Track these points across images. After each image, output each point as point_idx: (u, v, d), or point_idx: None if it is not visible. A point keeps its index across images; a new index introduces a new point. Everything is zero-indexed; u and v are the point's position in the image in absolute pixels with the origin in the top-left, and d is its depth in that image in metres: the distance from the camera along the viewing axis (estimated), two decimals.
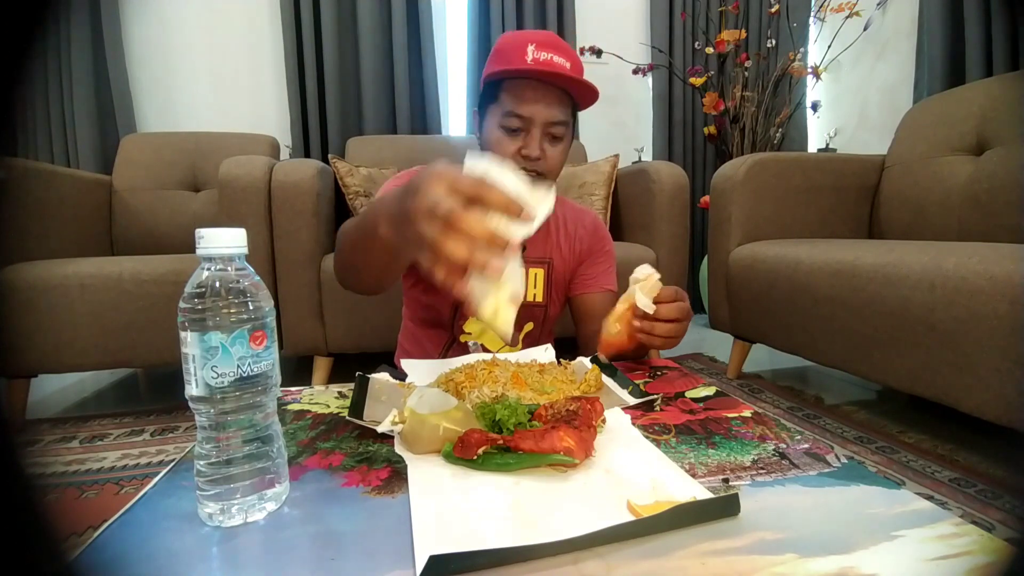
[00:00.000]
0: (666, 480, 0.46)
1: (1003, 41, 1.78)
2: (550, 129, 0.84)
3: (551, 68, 0.80)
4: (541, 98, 0.82)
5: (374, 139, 2.20)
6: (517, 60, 0.80)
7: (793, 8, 2.61)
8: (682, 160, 2.73)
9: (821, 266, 1.29)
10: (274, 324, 0.44)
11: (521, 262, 0.49)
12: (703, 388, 0.70)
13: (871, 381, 1.46)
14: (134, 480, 1.11)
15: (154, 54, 2.28)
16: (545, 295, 0.98)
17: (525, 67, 0.79)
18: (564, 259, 0.99)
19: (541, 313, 0.99)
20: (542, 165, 0.85)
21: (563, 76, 0.80)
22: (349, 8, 2.32)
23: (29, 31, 0.25)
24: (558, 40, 0.84)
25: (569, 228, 1.00)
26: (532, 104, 0.82)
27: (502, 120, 0.84)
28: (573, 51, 0.84)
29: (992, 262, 0.92)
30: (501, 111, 0.84)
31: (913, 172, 1.66)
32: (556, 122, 0.83)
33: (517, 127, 0.83)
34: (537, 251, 0.96)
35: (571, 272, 1.01)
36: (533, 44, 0.80)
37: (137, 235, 1.93)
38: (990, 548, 0.36)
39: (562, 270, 0.99)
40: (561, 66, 0.81)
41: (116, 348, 1.40)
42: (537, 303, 0.98)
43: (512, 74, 0.82)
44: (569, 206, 1.04)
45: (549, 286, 0.98)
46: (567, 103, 0.85)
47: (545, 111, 0.82)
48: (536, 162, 0.84)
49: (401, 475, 0.47)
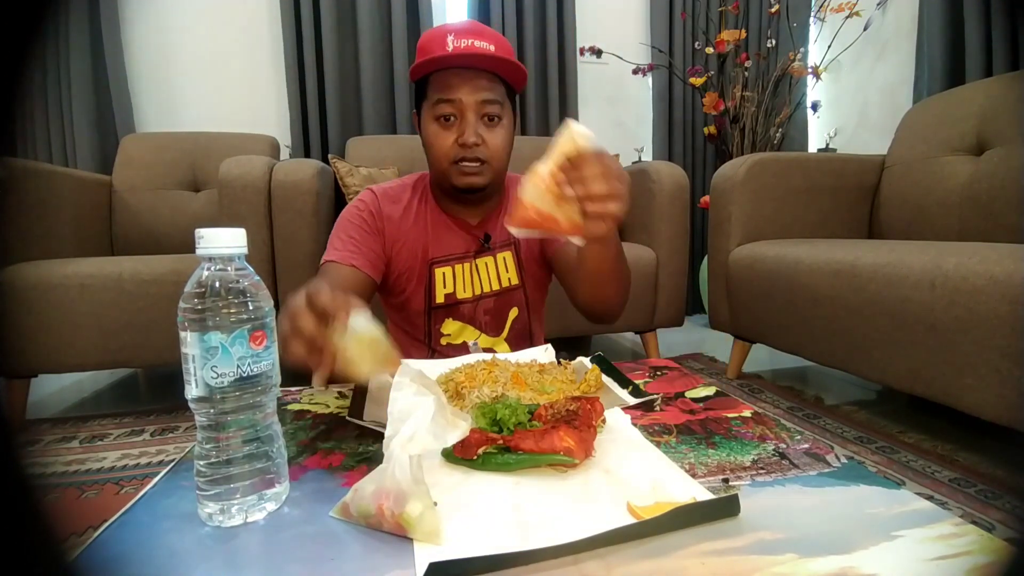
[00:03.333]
0: (666, 480, 0.46)
1: (1003, 41, 1.78)
2: (484, 110, 0.83)
3: (473, 50, 0.79)
4: (467, 81, 0.81)
5: (374, 139, 2.20)
6: (438, 50, 0.80)
7: (793, 8, 2.61)
8: (682, 160, 2.73)
9: (821, 266, 1.29)
10: (274, 324, 0.44)
11: (365, 322, 0.50)
12: (703, 388, 0.70)
13: (871, 381, 1.46)
14: (134, 480, 1.11)
15: (154, 54, 2.28)
16: (519, 275, 0.97)
17: (446, 53, 0.79)
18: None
19: (521, 296, 0.99)
20: (483, 152, 0.84)
21: (485, 57, 0.80)
22: (349, 8, 2.32)
23: (29, 31, 0.25)
24: (479, 26, 0.84)
25: None
26: (459, 88, 0.81)
27: (434, 110, 0.83)
28: (497, 35, 0.84)
29: (992, 262, 0.92)
30: (431, 103, 0.83)
31: (913, 172, 1.66)
32: (488, 100, 0.82)
33: (449, 113, 0.82)
34: (502, 235, 0.96)
35: (537, 244, 0.99)
36: (452, 34, 0.80)
37: (137, 235, 1.93)
38: (990, 548, 0.36)
39: (528, 245, 0.98)
40: (483, 49, 0.80)
41: (116, 348, 1.40)
42: (514, 286, 0.97)
43: (434, 64, 0.81)
44: (519, 181, 1.02)
45: (520, 265, 0.97)
46: (498, 84, 0.84)
47: (474, 93, 0.81)
48: (476, 148, 0.83)
49: None
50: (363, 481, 0.40)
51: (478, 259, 0.95)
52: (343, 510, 0.41)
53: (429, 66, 0.82)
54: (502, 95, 0.85)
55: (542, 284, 1.03)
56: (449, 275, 0.93)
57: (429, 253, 0.92)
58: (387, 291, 0.96)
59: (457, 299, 0.94)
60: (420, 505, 0.38)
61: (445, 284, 0.93)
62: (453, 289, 0.94)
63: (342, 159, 1.96)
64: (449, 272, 0.93)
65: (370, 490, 0.40)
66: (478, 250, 0.94)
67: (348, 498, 0.41)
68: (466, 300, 0.94)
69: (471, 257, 0.94)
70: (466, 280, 0.94)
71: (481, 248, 0.94)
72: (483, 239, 0.94)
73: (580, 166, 0.54)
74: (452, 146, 0.83)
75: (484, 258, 0.95)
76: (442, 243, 0.93)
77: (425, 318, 0.95)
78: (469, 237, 0.94)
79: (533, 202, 0.56)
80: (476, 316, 0.96)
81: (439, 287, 0.93)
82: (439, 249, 0.93)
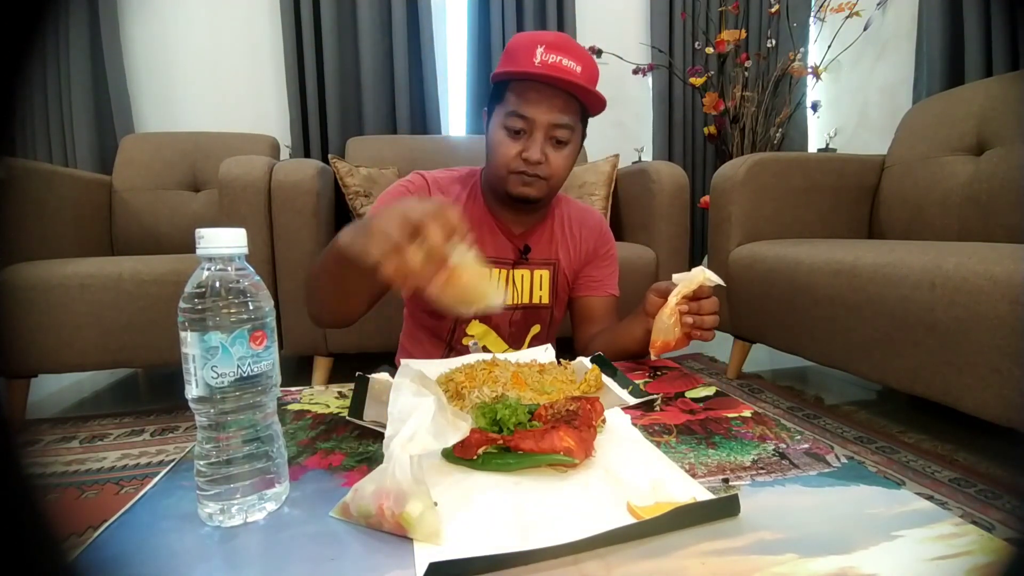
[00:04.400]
0: (666, 480, 0.45)
1: (1003, 41, 1.78)
2: (554, 132, 0.82)
3: (558, 71, 0.78)
4: (545, 100, 0.80)
5: (374, 139, 2.20)
6: (525, 61, 0.78)
7: (793, 8, 2.61)
8: (682, 160, 2.73)
9: (821, 266, 1.29)
10: (274, 324, 0.44)
11: (473, 256, 0.51)
12: (703, 388, 0.70)
13: (871, 381, 1.46)
14: (134, 480, 1.11)
15: (154, 54, 2.28)
16: (551, 296, 0.97)
17: (531, 68, 0.78)
18: (569, 260, 0.98)
19: (547, 315, 0.99)
20: (544, 169, 0.83)
21: (570, 81, 0.78)
22: (349, 8, 2.32)
23: (28, 31, 0.25)
24: (570, 42, 0.81)
25: (574, 228, 0.99)
26: (535, 105, 0.80)
27: (505, 121, 0.82)
28: (587, 55, 0.81)
29: (992, 262, 0.92)
30: (504, 111, 0.82)
31: (913, 172, 1.66)
32: (560, 125, 0.81)
33: (520, 128, 0.82)
34: (542, 252, 0.96)
35: (575, 272, 1.00)
36: (543, 46, 0.78)
37: (137, 235, 1.93)
38: (990, 548, 0.36)
39: (567, 271, 0.98)
40: (569, 69, 0.78)
41: (116, 348, 1.40)
42: (543, 305, 0.97)
43: (518, 75, 0.80)
44: (574, 205, 1.03)
45: (555, 287, 0.98)
46: (574, 108, 0.82)
47: (548, 114, 0.80)
48: (537, 166, 0.82)
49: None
50: (363, 481, 0.40)
51: (515, 269, 0.94)
52: (343, 510, 0.41)
53: (512, 76, 0.81)
54: (575, 119, 0.83)
55: (565, 309, 1.04)
56: None
57: None
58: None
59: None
60: (420, 505, 0.38)
61: None
62: None
63: (342, 159, 1.96)
64: None
65: (370, 490, 0.39)
66: (516, 260, 0.94)
67: (348, 498, 0.41)
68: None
69: (509, 265, 0.94)
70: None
71: (519, 258, 0.94)
72: (523, 249, 0.94)
73: (701, 304, 0.72)
74: (515, 157, 0.83)
75: (521, 270, 0.95)
76: (484, 244, 0.92)
77: (450, 330, 0.95)
78: (510, 244, 0.94)
79: (665, 337, 0.73)
80: (503, 325, 0.96)
81: None
82: (480, 249, 0.92)
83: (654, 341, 0.74)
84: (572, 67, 0.79)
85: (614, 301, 1.02)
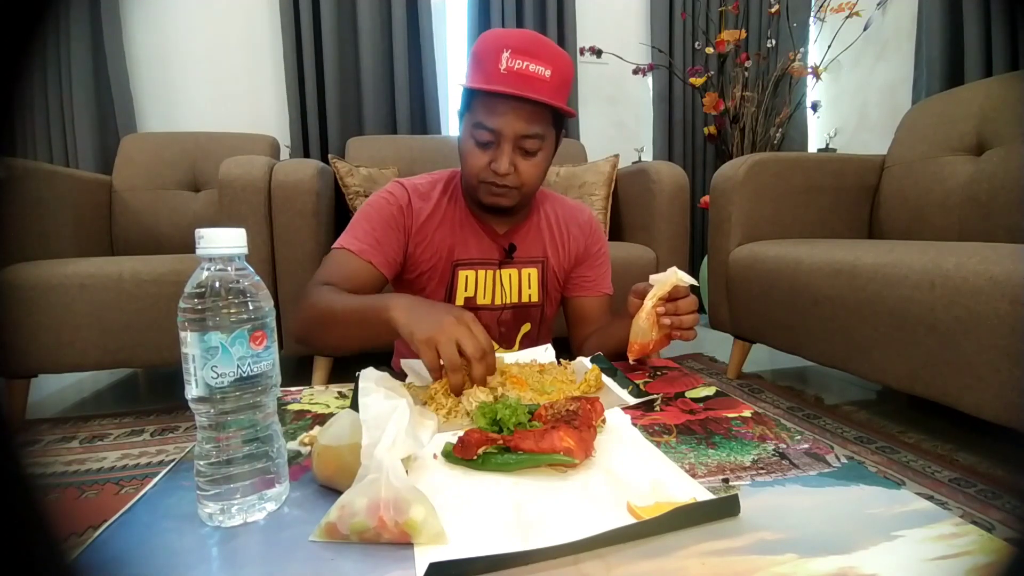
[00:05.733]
0: (666, 480, 0.46)
1: (1003, 41, 1.78)
2: (521, 143, 0.79)
3: (524, 80, 0.75)
4: (512, 111, 0.77)
5: (374, 139, 2.20)
6: (490, 69, 0.76)
7: (793, 8, 2.61)
8: (682, 160, 2.73)
9: (821, 266, 1.29)
10: (274, 324, 0.44)
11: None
12: (703, 388, 0.70)
13: (871, 381, 1.46)
14: (134, 480, 1.11)
15: (154, 54, 2.28)
16: (540, 294, 0.97)
17: (496, 79, 0.75)
18: (558, 257, 0.98)
19: (538, 313, 0.99)
20: (512, 179, 0.82)
21: (536, 89, 0.76)
22: (349, 8, 2.32)
23: (29, 30, 0.25)
24: (538, 43, 0.78)
25: (563, 226, 0.99)
26: (501, 117, 0.77)
27: (473, 132, 0.81)
28: (557, 53, 0.78)
29: (992, 262, 0.92)
30: (472, 122, 0.80)
31: (913, 172, 1.66)
32: (528, 135, 0.79)
33: (487, 140, 0.80)
34: (529, 251, 0.96)
35: (566, 270, 1.00)
36: (508, 50, 0.75)
37: (137, 235, 1.93)
38: (990, 548, 0.36)
39: (557, 268, 0.98)
40: (536, 76, 0.76)
41: (116, 348, 1.40)
42: (533, 303, 0.97)
43: (481, 86, 0.77)
44: (561, 203, 1.02)
45: (544, 285, 0.98)
46: (543, 116, 0.79)
47: (515, 124, 0.77)
48: (505, 177, 0.81)
49: None
50: (349, 497, 0.38)
51: (502, 269, 0.94)
52: (329, 531, 0.38)
53: (476, 86, 0.78)
54: (545, 127, 0.81)
55: (558, 305, 1.04)
56: (472, 279, 0.93)
57: (454, 254, 0.92)
58: (405, 287, 0.96)
59: (476, 304, 0.94)
60: (423, 509, 0.38)
61: (467, 287, 0.93)
62: (474, 294, 0.93)
63: (342, 159, 1.96)
64: (472, 276, 0.93)
65: (363, 504, 0.38)
66: (502, 260, 0.94)
67: (334, 518, 0.38)
68: (485, 307, 0.94)
69: (495, 265, 0.94)
70: (487, 287, 0.94)
71: (505, 258, 0.94)
72: (508, 249, 0.94)
73: (678, 304, 0.73)
74: (484, 168, 0.81)
75: (508, 269, 0.95)
76: (468, 246, 0.92)
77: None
78: (494, 245, 0.94)
79: (642, 340, 0.75)
80: (492, 325, 0.96)
81: (460, 289, 0.93)
82: (465, 251, 0.92)
83: (631, 345, 0.75)
84: (540, 72, 0.76)
85: (608, 299, 1.02)
